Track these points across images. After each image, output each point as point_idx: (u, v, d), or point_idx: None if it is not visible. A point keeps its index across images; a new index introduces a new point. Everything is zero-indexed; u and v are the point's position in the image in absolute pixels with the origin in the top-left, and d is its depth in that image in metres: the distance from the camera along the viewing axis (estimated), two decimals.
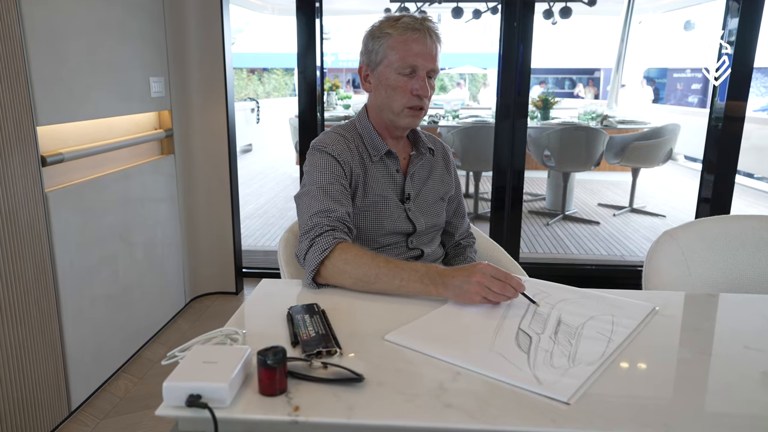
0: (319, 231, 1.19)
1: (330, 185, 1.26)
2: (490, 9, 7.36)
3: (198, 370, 0.76)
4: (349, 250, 1.15)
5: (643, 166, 5.20)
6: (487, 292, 1.03)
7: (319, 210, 1.22)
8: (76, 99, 2.04)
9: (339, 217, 1.22)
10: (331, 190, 1.26)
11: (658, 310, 1.08)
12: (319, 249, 1.15)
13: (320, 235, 1.18)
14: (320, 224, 1.20)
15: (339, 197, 1.26)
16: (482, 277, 1.03)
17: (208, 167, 3.01)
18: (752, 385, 0.83)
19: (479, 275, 1.04)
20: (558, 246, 4.24)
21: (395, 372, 0.84)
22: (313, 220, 1.21)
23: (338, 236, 1.18)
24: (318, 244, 1.16)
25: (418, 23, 1.28)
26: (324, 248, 1.15)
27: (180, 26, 2.79)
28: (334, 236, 1.18)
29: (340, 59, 18.23)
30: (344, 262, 1.13)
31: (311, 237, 1.18)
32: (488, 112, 6.88)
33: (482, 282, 1.03)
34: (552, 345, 0.93)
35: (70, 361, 2.01)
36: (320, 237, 1.17)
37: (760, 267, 1.36)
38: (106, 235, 2.24)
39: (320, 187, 1.26)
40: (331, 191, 1.26)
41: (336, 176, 1.28)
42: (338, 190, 1.27)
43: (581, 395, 0.78)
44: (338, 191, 1.26)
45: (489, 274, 1.04)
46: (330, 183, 1.27)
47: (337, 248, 1.15)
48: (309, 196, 1.26)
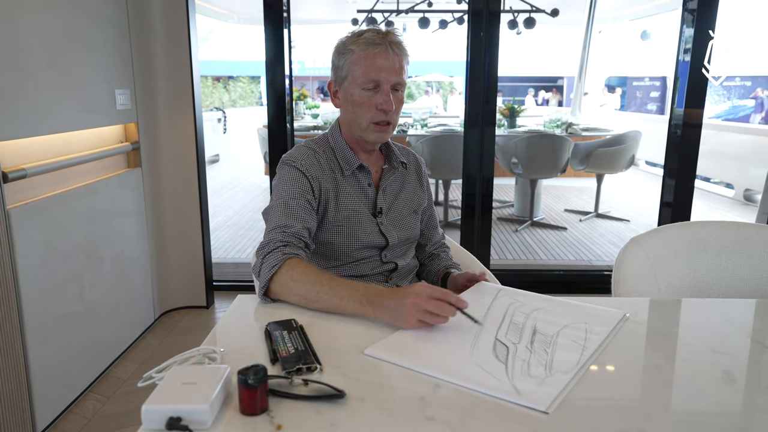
0: (271, 247, 1.19)
1: (292, 200, 1.27)
2: (456, 19, 7.47)
3: (177, 391, 0.75)
4: (296, 267, 1.14)
5: (607, 172, 5.34)
6: (423, 315, 0.98)
7: (276, 226, 1.23)
8: (38, 113, 1.99)
9: (295, 232, 1.23)
10: (292, 205, 1.26)
11: (628, 317, 1.11)
12: (268, 265, 1.16)
13: (271, 252, 1.18)
14: (274, 240, 1.21)
15: (299, 212, 1.26)
16: (416, 298, 0.98)
17: (176, 179, 2.96)
18: (720, 386, 0.86)
19: (413, 296, 0.99)
20: (527, 252, 4.31)
21: (376, 387, 0.84)
22: (269, 236, 1.22)
23: (288, 252, 1.18)
24: (268, 260, 1.17)
25: (379, 38, 1.29)
26: (273, 264, 1.15)
27: (145, 37, 2.74)
28: (284, 252, 1.18)
29: (306, 67, 18.21)
30: (290, 278, 1.13)
31: (264, 254, 1.19)
32: (456, 121, 6.97)
33: (417, 303, 0.98)
34: (529, 355, 0.94)
35: (34, 382, 1.94)
36: (271, 253, 1.18)
37: (722, 271, 1.41)
38: (72, 251, 2.18)
39: (282, 202, 1.27)
40: (292, 206, 1.26)
41: (300, 191, 1.28)
42: (300, 205, 1.27)
43: (559, 404, 0.80)
44: (300, 206, 1.27)
45: (424, 294, 0.99)
46: (293, 198, 1.27)
47: (285, 264, 1.15)
48: (271, 211, 1.28)
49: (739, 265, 1.41)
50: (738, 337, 1.05)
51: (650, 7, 9.01)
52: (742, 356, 0.98)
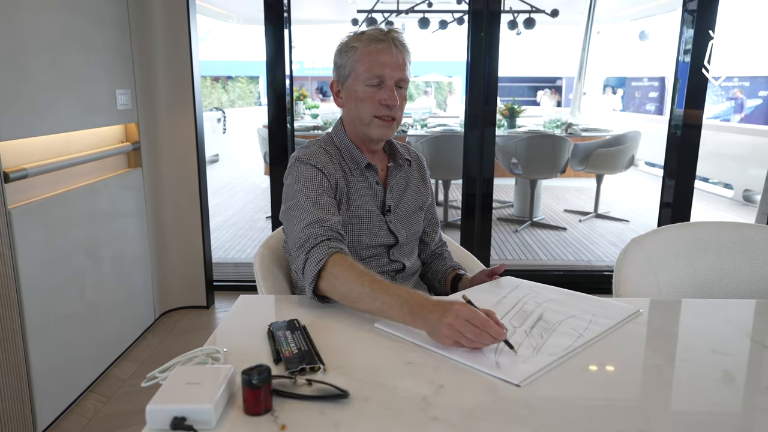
0: (313, 242, 1.16)
1: (319, 196, 1.25)
2: (456, 20, 7.48)
3: (181, 391, 0.75)
4: (341, 263, 1.11)
5: (606, 172, 5.34)
6: (459, 337, 0.93)
7: (312, 221, 1.20)
8: (39, 113, 1.99)
9: (332, 225, 1.21)
10: (320, 200, 1.24)
11: (641, 312, 1.12)
12: (314, 260, 1.13)
13: (315, 246, 1.15)
14: (314, 235, 1.17)
15: (329, 207, 1.25)
16: (455, 320, 0.93)
17: (176, 180, 2.96)
18: (720, 387, 0.87)
19: (452, 317, 0.93)
20: (527, 252, 4.31)
21: (379, 387, 0.84)
22: (306, 232, 1.18)
23: (333, 246, 1.16)
24: (313, 255, 1.14)
25: (382, 34, 1.30)
26: (319, 259, 1.13)
27: (146, 37, 2.75)
28: (329, 246, 1.15)
29: (305, 67, 18.20)
30: (333, 276, 1.10)
31: (306, 249, 1.16)
32: (456, 121, 6.97)
33: (453, 325, 0.93)
34: (524, 338, 0.99)
35: (35, 381, 1.94)
36: (315, 248, 1.15)
37: (722, 271, 1.41)
38: (73, 251, 2.18)
39: (309, 198, 1.24)
40: (320, 201, 1.24)
41: (323, 187, 1.27)
42: (327, 200, 1.26)
43: (559, 403, 0.80)
44: (327, 201, 1.25)
45: (463, 317, 0.93)
46: (318, 194, 1.25)
47: (330, 260, 1.12)
48: (298, 208, 1.23)
49: (740, 266, 1.42)
50: (738, 338, 1.06)
51: (650, 8, 9.03)
52: (742, 357, 0.99)
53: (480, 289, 1.27)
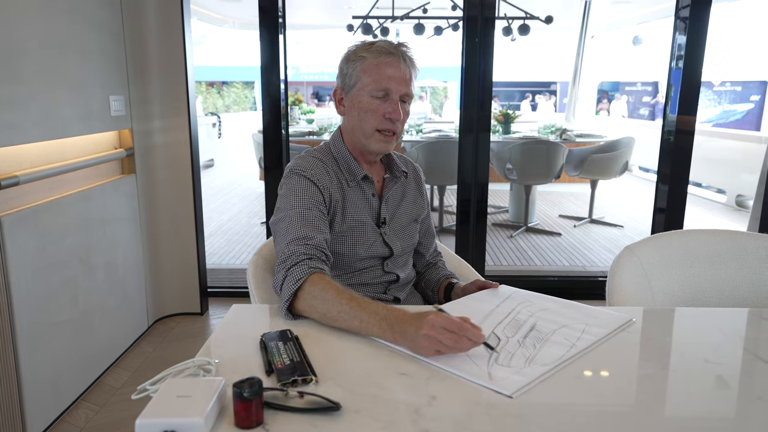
0: (294, 260, 1.16)
1: (308, 210, 1.24)
2: (451, 26, 7.50)
3: (171, 405, 0.75)
4: (319, 283, 1.11)
5: (601, 177, 5.37)
6: (438, 345, 0.94)
7: (296, 237, 1.20)
8: (32, 119, 1.98)
9: (316, 244, 1.20)
10: (308, 215, 1.23)
11: (634, 321, 1.12)
12: (292, 279, 1.13)
13: (295, 265, 1.15)
14: (296, 252, 1.17)
15: (317, 223, 1.24)
16: (430, 330, 0.94)
17: (170, 186, 2.95)
18: (712, 395, 0.87)
19: (427, 327, 0.94)
20: (522, 258, 4.31)
21: (371, 398, 0.84)
22: (290, 248, 1.18)
23: (313, 266, 1.15)
24: (292, 274, 1.14)
25: (392, 47, 1.29)
26: (297, 278, 1.12)
27: (140, 42, 2.74)
28: (309, 266, 1.15)
29: (300, 72, 18.22)
30: (312, 296, 1.10)
31: (287, 266, 1.16)
32: (451, 126, 6.99)
33: (431, 335, 0.94)
34: (517, 348, 0.99)
35: (26, 390, 1.92)
36: (295, 266, 1.15)
37: (715, 279, 1.42)
38: (65, 258, 2.17)
39: (298, 212, 1.23)
40: (308, 217, 1.23)
41: (314, 201, 1.26)
42: (316, 215, 1.25)
43: (554, 412, 0.80)
44: (316, 217, 1.25)
45: (439, 325, 0.94)
46: (308, 208, 1.24)
47: (309, 280, 1.12)
48: (286, 221, 1.23)
49: (733, 274, 1.42)
50: (730, 347, 1.06)
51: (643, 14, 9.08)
52: (734, 365, 0.99)
53: (474, 298, 1.27)
